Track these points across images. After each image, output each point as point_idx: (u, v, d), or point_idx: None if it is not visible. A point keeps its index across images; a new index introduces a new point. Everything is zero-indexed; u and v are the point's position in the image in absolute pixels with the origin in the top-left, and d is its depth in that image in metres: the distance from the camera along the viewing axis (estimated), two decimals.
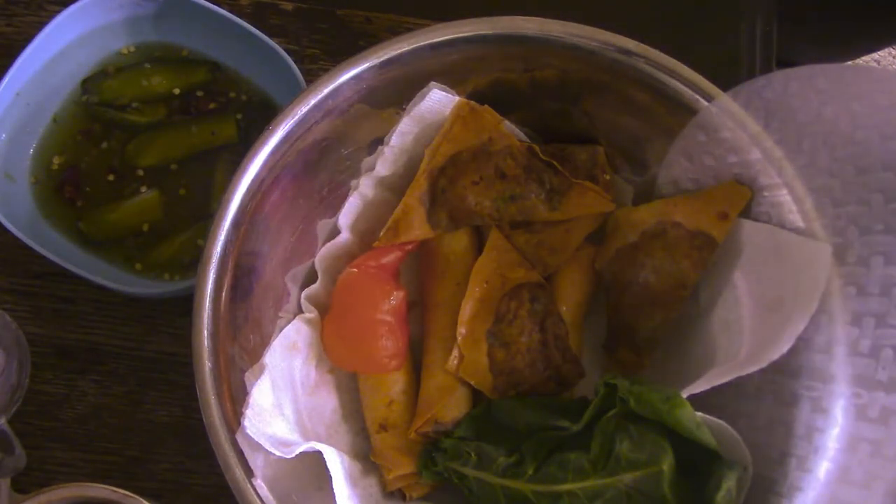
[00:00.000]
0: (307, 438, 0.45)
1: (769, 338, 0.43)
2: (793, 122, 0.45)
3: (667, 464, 0.41)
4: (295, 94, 0.47)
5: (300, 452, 0.44)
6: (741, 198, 0.47)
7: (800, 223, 0.46)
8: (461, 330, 0.49)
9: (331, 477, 0.45)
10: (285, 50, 0.58)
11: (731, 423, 0.43)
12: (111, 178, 0.61)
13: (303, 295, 0.50)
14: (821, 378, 0.44)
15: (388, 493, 0.50)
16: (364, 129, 0.51)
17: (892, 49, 1.37)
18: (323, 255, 0.50)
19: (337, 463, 0.46)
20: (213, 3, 0.59)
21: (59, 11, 0.58)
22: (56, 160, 0.60)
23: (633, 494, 0.41)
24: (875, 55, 1.33)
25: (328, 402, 0.51)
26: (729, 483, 0.41)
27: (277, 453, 0.44)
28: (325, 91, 0.47)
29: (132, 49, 0.63)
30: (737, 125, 0.46)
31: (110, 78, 0.62)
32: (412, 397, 0.51)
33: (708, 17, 0.70)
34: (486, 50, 0.48)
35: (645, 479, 0.41)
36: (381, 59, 0.47)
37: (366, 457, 0.51)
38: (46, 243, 0.55)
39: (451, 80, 0.49)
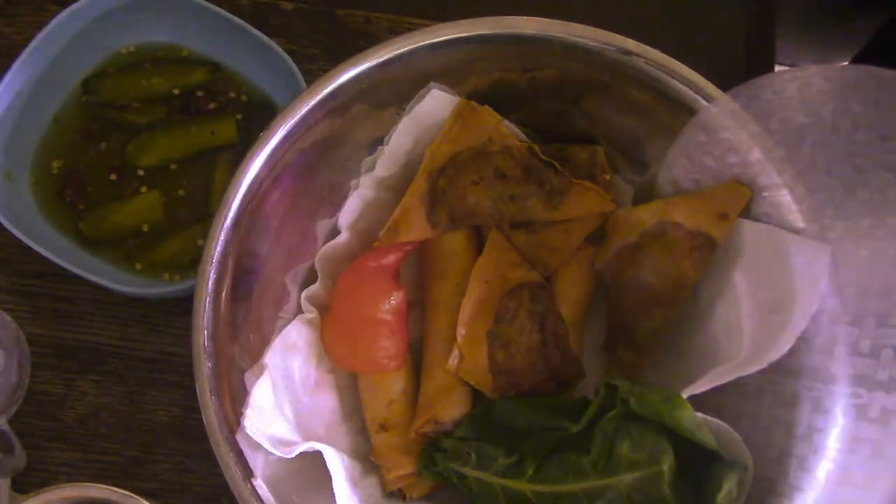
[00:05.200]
0: (307, 438, 0.45)
1: (769, 338, 0.43)
2: (793, 122, 0.45)
3: (667, 464, 0.41)
4: (295, 94, 0.47)
5: (300, 452, 0.44)
6: (741, 198, 0.47)
7: (800, 223, 0.46)
8: (461, 330, 0.49)
9: (331, 477, 0.45)
10: (285, 50, 0.58)
11: (732, 423, 0.43)
12: (113, 177, 0.61)
13: (303, 295, 0.50)
14: (821, 378, 0.44)
15: (388, 492, 0.50)
16: (364, 129, 0.51)
17: None
18: (323, 255, 0.50)
19: (337, 463, 0.46)
20: (213, 3, 0.59)
21: (59, 11, 0.58)
22: (56, 164, 0.60)
23: (634, 495, 0.41)
24: None
25: (328, 402, 0.51)
26: (730, 483, 0.41)
27: (277, 453, 0.44)
28: (325, 91, 0.47)
29: (132, 49, 0.63)
30: (737, 125, 0.46)
31: (110, 78, 0.62)
32: (412, 397, 0.51)
33: (708, 18, 0.70)
34: (486, 50, 0.48)
35: (645, 479, 0.41)
36: (381, 59, 0.47)
37: (366, 457, 0.51)
38: (46, 243, 0.55)
39: (451, 80, 0.49)
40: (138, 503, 0.51)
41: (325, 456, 0.45)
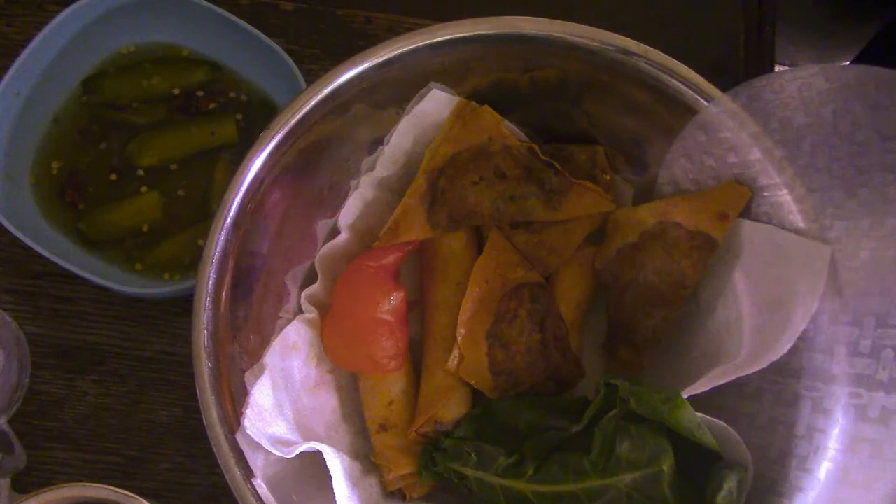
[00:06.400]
0: (307, 438, 0.45)
1: (769, 338, 0.43)
2: (793, 122, 0.45)
3: (667, 464, 0.41)
4: (295, 94, 0.47)
5: (300, 452, 0.44)
6: (741, 198, 0.47)
7: (800, 223, 0.46)
8: (461, 330, 0.49)
9: (331, 477, 0.45)
10: (285, 50, 0.58)
11: (732, 423, 0.43)
12: (113, 177, 0.61)
13: (303, 295, 0.50)
14: (821, 378, 0.44)
15: (388, 492, 0.50)
16: (364, 129, 0.51)
17: None
18: (323, 255, 0.50)
19: (337, 463, 0.46)
20: (213, 3, 0.59)
21: (59, 11, 0.58)
22: (56, 164, 0.60)
23: (634, 495, 0.41)
24: None
25: (328, 402, 0.51)
26: (730, 483, 0.41)
27: (277, 453, 0.44)
28: (325, 91, 0.47)
29: (132, 49, 0.63)
30: (737, 125, 0.46)
31: (110, 78, 0.62)
32: (412, 397, 0.51)
33: (708, 17, 0.70)
34: (486, 50, 0.48)
35: (645, 479, 0.41)
36: (381, 59, 0.47)
37: (366, 457, 0.51)
38: (46, 243, 0.55)
39: (451, 80, 0.49)
40: (138, 503, 0.51)
41: (324, 456, 0.45)
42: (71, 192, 0.60)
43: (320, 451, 0.45)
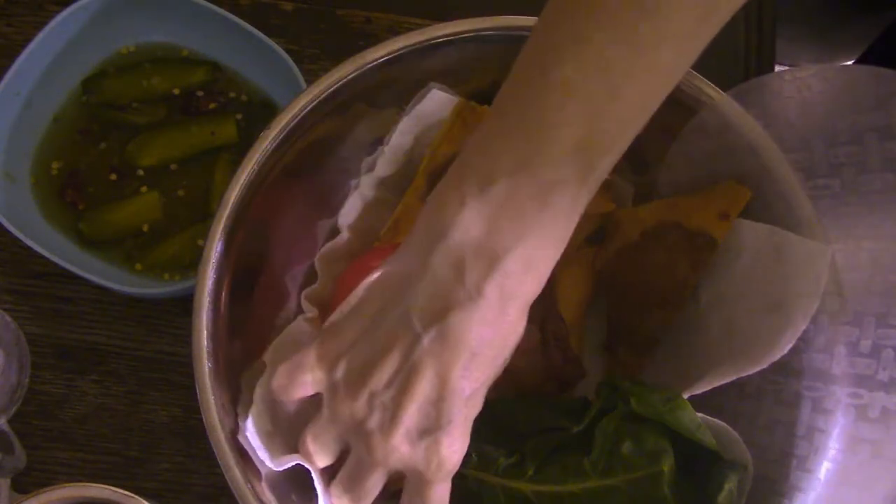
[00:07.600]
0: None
1: (770, 338, 0.43)
2: (793, 122, 0.45)
3: (667, 464, 0.41)
4: (295, 94, 0.47)
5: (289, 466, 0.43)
6: (741, 198, 0.47)
7: (800, 223, 0.46)
8: None
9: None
10: (285, 50, 0.58)
11: (732, 423, 0.43)
12: (113, 177, 0.61)
13: (303, 295, 0.50)
14: (821, 378, 0.44)
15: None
16: (364, 129, 0.51)
17: None
18: (323, 255, 0.50)
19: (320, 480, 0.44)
20: (213, 3, 0.59)
21: (59, 11, 0.58)
22: (56, 164, 0.60)
23: (634, 495, 0.41)
24: None
25: None
26: (730, 484, 0.41)
27: (269, 463, 0.43)
28: (325, 91, 0.47)
29: (132, 49, 0.63)
30: (737, 125, 0.46)
31: (110, 78, 0.62)
32: None
33: None
34: (486, 50, 0.48)
35: (645, 479, 0.41)
36: (381, 59, 0.47)
37: None
38: (46, 243, 0.55)
39: (451, 80, 0.49)
40: (138, 503, 0.51)
41: (312, 473, 0.43)
42: (71, 192, 0.60)
43: None
